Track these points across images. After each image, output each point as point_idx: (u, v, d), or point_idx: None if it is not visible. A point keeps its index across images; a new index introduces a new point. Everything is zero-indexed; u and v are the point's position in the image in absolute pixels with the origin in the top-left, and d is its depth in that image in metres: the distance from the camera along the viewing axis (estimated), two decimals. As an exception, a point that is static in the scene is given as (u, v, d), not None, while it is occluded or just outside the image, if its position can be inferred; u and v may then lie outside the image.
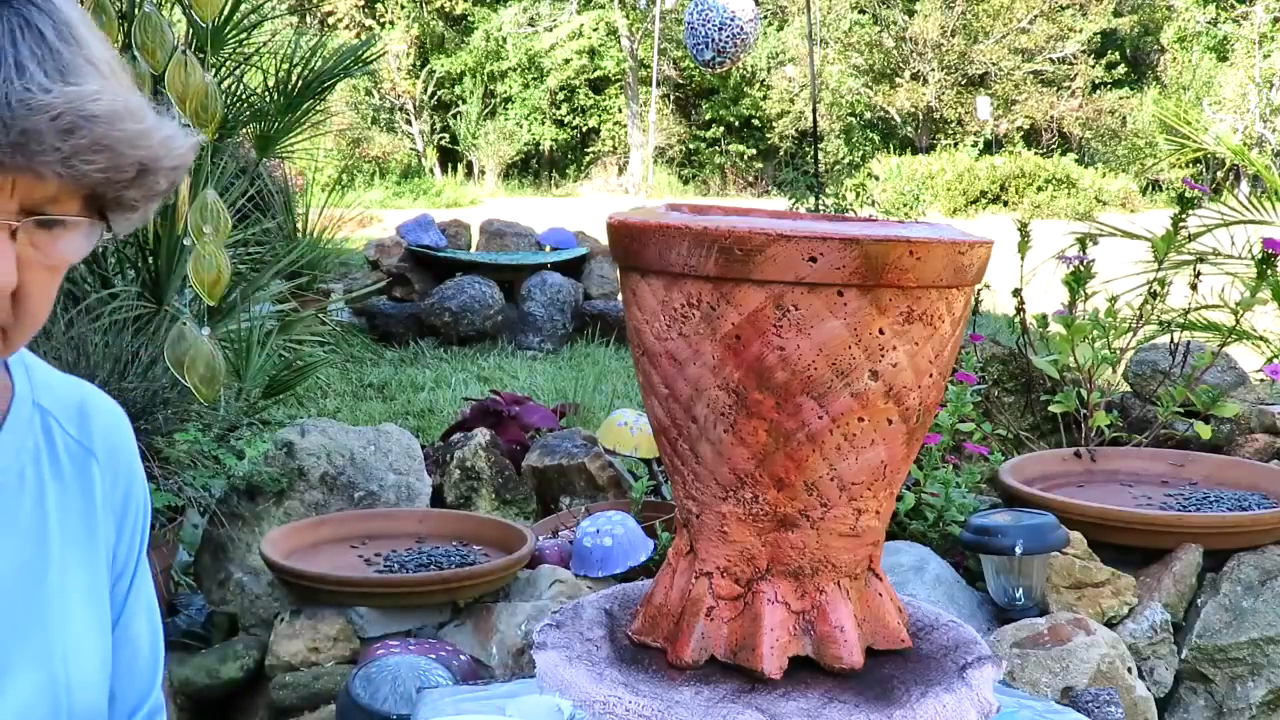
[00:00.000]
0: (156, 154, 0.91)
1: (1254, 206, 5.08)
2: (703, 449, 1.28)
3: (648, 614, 1.39)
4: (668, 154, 23.26)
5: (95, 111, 0.86)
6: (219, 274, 2.56)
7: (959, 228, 1.33)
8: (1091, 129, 22.45)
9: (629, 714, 1.26)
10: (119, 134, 0.87)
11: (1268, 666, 2.71)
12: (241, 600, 2.80)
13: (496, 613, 2.56)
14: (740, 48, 6.43)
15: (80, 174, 0.86)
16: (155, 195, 0.96)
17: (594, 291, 7.81)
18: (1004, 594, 2.61)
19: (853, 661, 1.30)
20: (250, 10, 3.25)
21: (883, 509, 1.33)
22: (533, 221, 8.66)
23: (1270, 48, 20.90)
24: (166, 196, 1.01)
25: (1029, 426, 3.83)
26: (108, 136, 0.87)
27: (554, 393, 5.75)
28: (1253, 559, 2.79)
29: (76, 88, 0.85)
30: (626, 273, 1.32)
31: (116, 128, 0.87)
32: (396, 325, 7.34)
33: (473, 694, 1.68)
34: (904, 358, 1.23)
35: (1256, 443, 3.59)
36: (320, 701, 2.48)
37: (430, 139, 22.28)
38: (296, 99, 3.36)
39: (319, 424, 3.10)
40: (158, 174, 0.94)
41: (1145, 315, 3.75)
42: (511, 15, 22.81)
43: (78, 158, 0.86)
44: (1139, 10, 23.30)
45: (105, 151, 0.87)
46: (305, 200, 6.04)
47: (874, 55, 22.61)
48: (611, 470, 3.39)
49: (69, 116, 0.84)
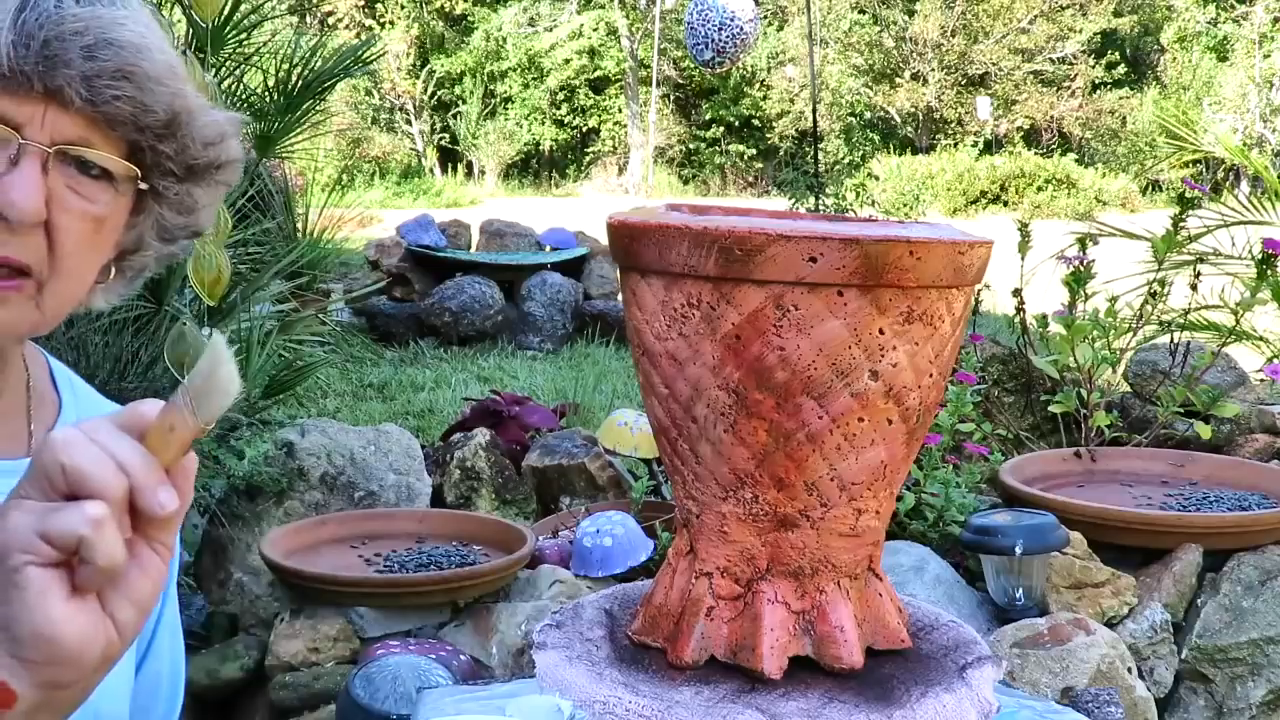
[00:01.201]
0: (189, 105, 0.90)
1: (1254, 207, 5.08)
2: (703, 449, 1.28)
3: (648, 614, 1.39)
4: (668, 154, 23.26)
5: (120, 37, 0.85)
6: (219, 274, 2.56)
7: (959, 228, 1.33)
8: (1091, 129, 22.46)
9: (629, 714, 1.26)
10: (146, 66, 0.86)
11: (1268, 666, 2.71)
12: (241, 600, 2.80)
13: (496, 613, 2.56)
14: (740, 48, 6.43)
15: (104, 99, 0.85)
16: (195, 169, 0.95)
17: (594, 291, 7.81)
18: (1004, 594, 2.61)
19: (853, 661, 1.30)
20: (250, 10, 3.25)
21: (883, 509, 1.33)
22: (533, 221, 8.66)
23: (1270, 48, 20.90)
24: (222, 190, 1.00)
25: (1029, 426, 3.83)
26: (133, 65, 0.86)
27: (554, 393, 5.75)
28: (1253, 559, 2.79)
29: (106, 8, 0.85)
30: (626, 273, 1.32)
31: (144, 58, 0.86)
32: (396, 325, 7.34)
33: (473, 694, 1.68)
34: (904, 358, 1.23)
35: (1256, 443, 3.59)
36: (320, 701, 2.48)
37: (430, 139, 22.28)
38: (296, 99, 3.35)
39: (319, 424, 3.10)
40: (191, 135, 0.92)
41: (1145, 315, 3.75)
42: (511, 15, 22.82)
43: (101, 80, 0.84)
44: (1139, 10, 23.30)
45: (128, 81, 0.86)
46: (305, 200, 6.04)
47: (874, 55, 22.62)
48: (611, 470, 3.39)
49: (91, 35, 0.84)
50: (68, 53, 0.83)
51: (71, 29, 0.83)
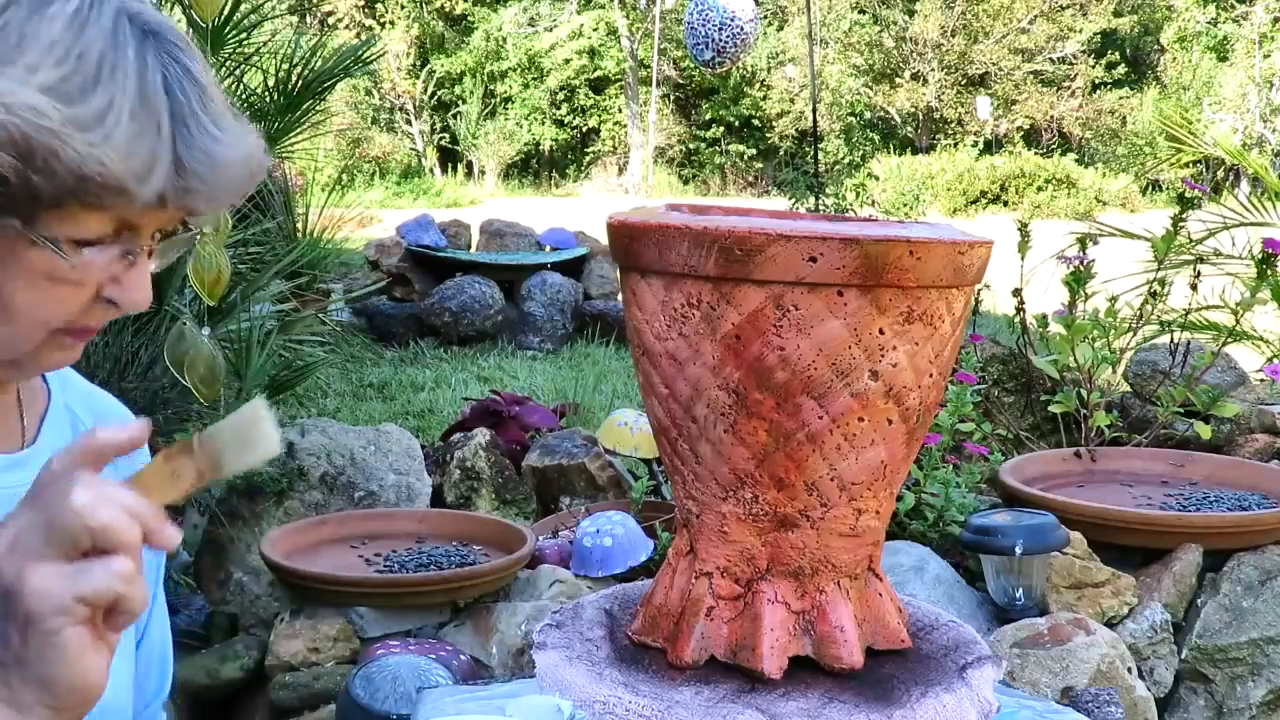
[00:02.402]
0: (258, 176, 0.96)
1: (1254, 207, 5.08)
2: (703, 449, 1.28)
3: (648, 614, 1.39)
4: (668, 154, 23.26)
5: (250, 156, 0.92)
6: (219, 274, 2.56)
7: (959, 228, 1.33)
8: (1091, 129, 22.46)
9: (629, 714, 1.26)
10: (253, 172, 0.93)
11: (1268, 666, 2.71)
12: (241, 600, 2.80)
13: (496, 613, 2.56)
14: (740, 48, 6.44)
15: (218, 206, 0.92)
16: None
17: (594, 291, 7.81)
18: (1004, 594, 2.61)
19: (853, 661, 1.30)
20: (250, 10, 3.24)
21: (883, 509, 1.33)
22: (533, 221, 8.66)
23: (1270, 48, 20.90)
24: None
25: (1029, 426, 3.83)
26: (243, 176, 0.92)
27: (554, 393, 5.75)
28: (1253, 559, 2.79)
29: (234, 139, 0.90)
30: (626, 273, 1.32)
31: (252, 166, 0.92)
32: (396, 325, 7.34)
33: (473, 694, 1.68)
34: (904, 358, 1.23)
35: (1256, 443, 3.59)
36: (320, 701, 2.47)
37: (430, 139, 22.28)
38: (296, 99, 3.35)
39: (319, 424, 3.10)
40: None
41: (1145, 315, 3.75)
42: (511, 15, 22.81)
43: (221, 195, 0.91)
44: (1139, 10, 23.30)
45: (238, 188, 0.92)
46: (305, 200, 6.03)
47: (874, 55, 22.62)
48: (611, 470, 3.39)
49: (229, 168, 0.89)
50: (206, 183, 0.89)
51: (211, 164, 0.88)
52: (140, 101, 0.86)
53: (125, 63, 0.86)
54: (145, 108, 0.86)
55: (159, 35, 0.89)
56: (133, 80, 0.86)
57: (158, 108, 0.86)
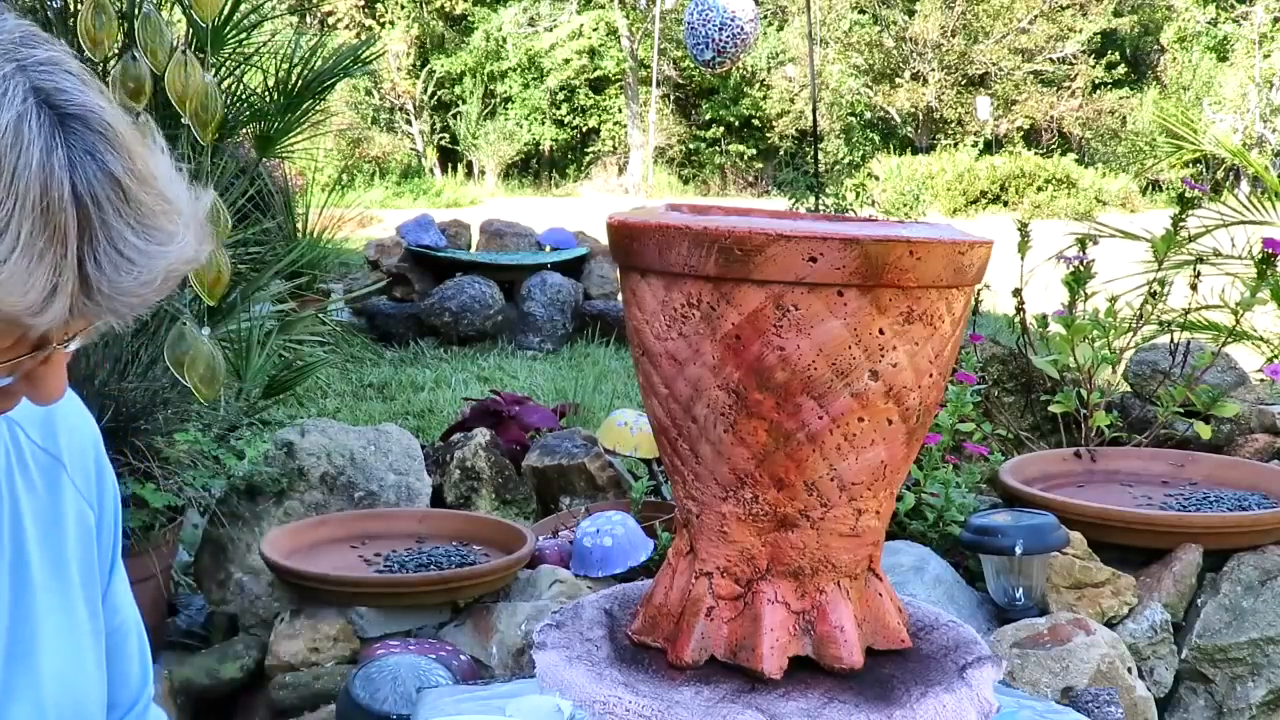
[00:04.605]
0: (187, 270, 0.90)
1: (1254, 207, 5.08)
2: (703, 449, 1.28)
3: (648, 614, 1.39)
4: (668, 154, 23.27)
5: (172, 264, 0.84)
6: (219, 274, 2.56)
7: (959, 228, 1.33)
8: (1091, 129, 22.47)
9: (629, 714, 1.26)
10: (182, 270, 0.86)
11: (1268, 666, 2.71)
12: (241, 600, 2.80)
13: (496, 613, 2.56)
14: (740, 48, 6.43)
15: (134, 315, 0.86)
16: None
17: (594, 291, 7.81)
18: (1004, 594, 2.61)
19: (853, 661, 1.30)
20: (250, 10, 3.25)
21: (883, 509, 1.33)
22: (533, 221, 8.67)
23: (1270, 48, 20.90)
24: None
25: (1029, 426, 3.83)
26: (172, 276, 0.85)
27: (554, 393, 5.75)
28: (1253, 559, 2.79)
29: (161, 247, 0.82)
30: (626, 273, 1.32)
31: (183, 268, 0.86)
32: (396, 325, 7.34)
33: (473, 694, 1.68)
34: (904, 358, 1.23)
35: (1256, 443, 3.59)
36: (320, 701, 2.47)
37: (430, 139, 22.29)
38: (296, 99, 3.35)
39: (319, 424, 3.10)
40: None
41: (1145, 315, 3.75)
42: (511, 15, 22.82)
43: (137, 308, 0.84)
44: (1139, 10, 23.30)
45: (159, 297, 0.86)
46: (305, 200, 6.04)
47: (874, 55, 22.62)
48: (611, 470, 3.39)
49: (150, 274, 0.82)
50: (130, 295, 0.82)
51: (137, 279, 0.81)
52: (42, 219, 0.75)
53: (27, 170, 0.74)
54: (48, 225, 0.75)
55: (77, 124, 0.78)
56: (34, 191, 0.74)
57: (63, 224, 0.75)
